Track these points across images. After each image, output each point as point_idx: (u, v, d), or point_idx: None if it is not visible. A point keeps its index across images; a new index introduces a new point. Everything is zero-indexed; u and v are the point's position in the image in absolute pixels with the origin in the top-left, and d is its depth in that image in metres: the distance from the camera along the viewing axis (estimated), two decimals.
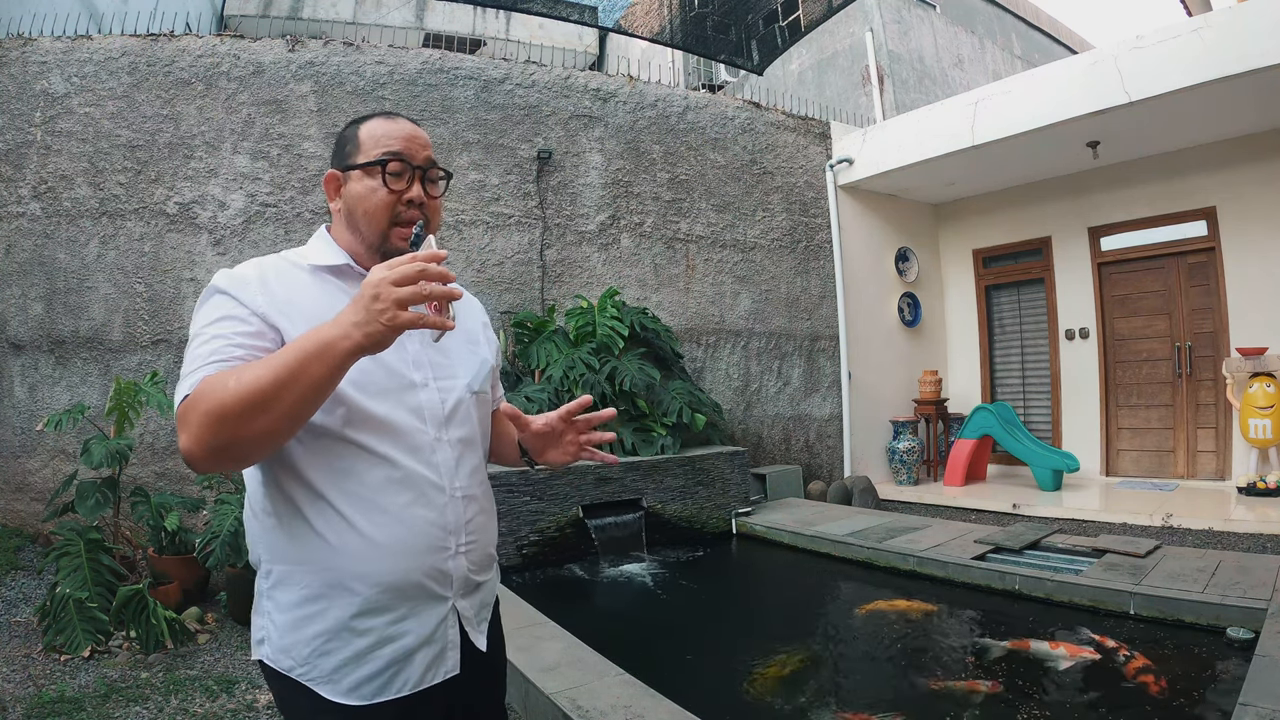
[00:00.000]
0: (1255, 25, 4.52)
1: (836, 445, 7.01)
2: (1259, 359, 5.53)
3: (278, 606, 1.05)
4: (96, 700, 2.76)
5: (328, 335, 0.88)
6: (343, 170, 1.15)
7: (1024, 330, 7.52)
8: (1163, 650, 2.96)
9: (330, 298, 1.07)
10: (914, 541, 4.46)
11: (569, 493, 4.72)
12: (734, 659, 3.13)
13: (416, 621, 1.06)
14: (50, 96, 4.81)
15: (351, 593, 1.02)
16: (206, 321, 1.00)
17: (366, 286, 0.87)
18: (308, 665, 1.03)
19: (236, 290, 1.02)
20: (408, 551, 1.05)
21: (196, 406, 0.89)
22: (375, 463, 1.03)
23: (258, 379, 0.87)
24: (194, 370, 0.94)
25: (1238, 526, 4.63)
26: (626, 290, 6.11)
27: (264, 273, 1.07)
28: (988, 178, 7.09)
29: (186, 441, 0.89)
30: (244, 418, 0.87)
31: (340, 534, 1.02)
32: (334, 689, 1.03)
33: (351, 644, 1.03)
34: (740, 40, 7.56)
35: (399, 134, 1.13)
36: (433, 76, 5.59)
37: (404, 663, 1.05)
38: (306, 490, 1.02)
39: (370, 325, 0.86)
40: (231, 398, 0.86)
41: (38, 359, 4.70)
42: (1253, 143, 5.80)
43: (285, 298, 1.04)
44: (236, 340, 0.98)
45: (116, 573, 3.52)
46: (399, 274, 0.86)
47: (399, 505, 1.04)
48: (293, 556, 1.04)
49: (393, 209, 1.11)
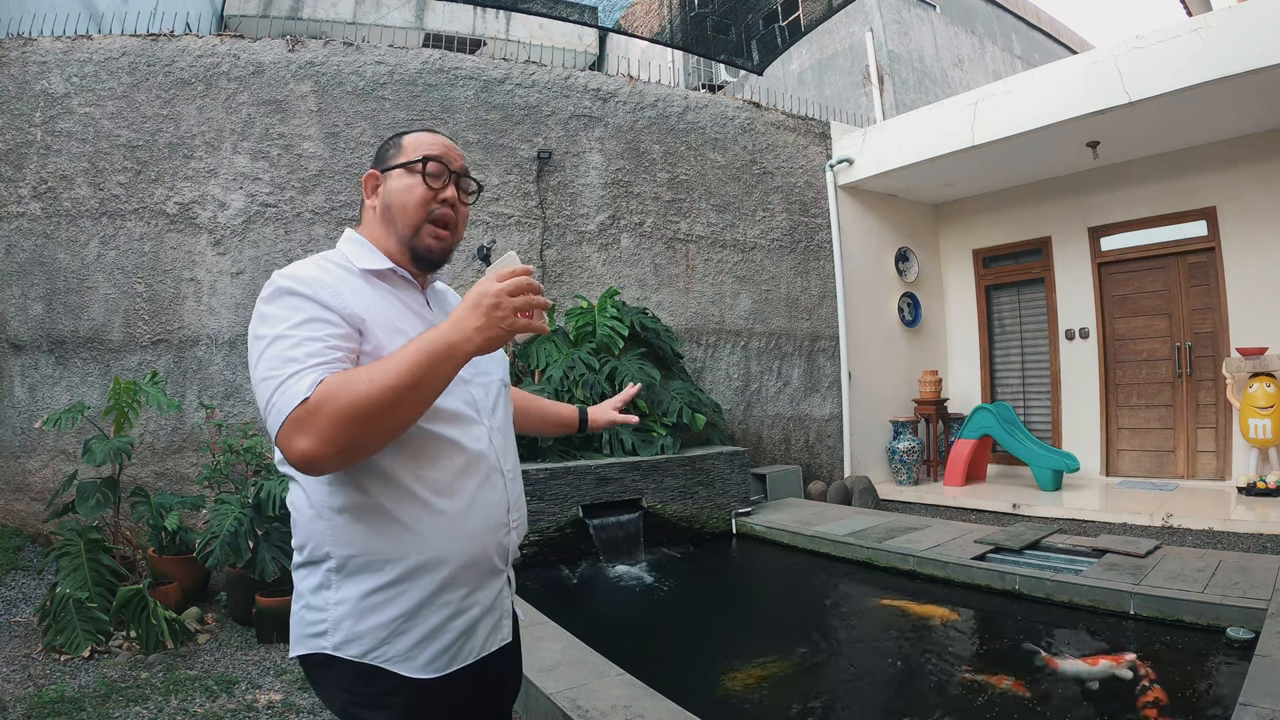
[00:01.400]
0: (1255, 25, 4.52)
1: (836, 445, 7.01)
2: (1259, 359, 5.53)
3: (350, 596, 1.08)
4: (96, 700, 2.76)
5: (451, 338, 0.96)
6: (383, 170, 1.20)
7: (1024, 330, 7.52)
8: (1163, 650, 2.96)
9: (386, 300, 1.15)
10: (914, 541, 4.46)
11: (569, 493, 4.72)
12: (734, 659, 3.13)
13: (483, 593, 1.16)
14: (50, 96, 4.81)
15: (433, 573, 1.09)
16: (291, 323, 1.01)
17: (485, 296, 0.97)
18: (384, 646, 1.07)
19: (314, 292, 1.05)
20: (481, 530, 1.14)
21: (324, 408, 0.92)
22: (449, 451, 1.11)
23: (392, 379, 0.93)
24: (297, 373, 0.95)
25: (1238, 526, 4.63)
26: (626, 290, 6.11)
27: (329, 274, 1.10)
28: (988, 178, 7.09)
29: (311, 443, 0.92)
30: (380, 416, 0.93)
31: (422, 519, 1.08)
32: (410, 665, 1.08)
33: (428, 621, 1.09)
34: (740, 40, 7.56)
35: (439, 141, 1.22)
36: (433, 76, 5.59)
37: (470, 633, 1.14)
38: (385, 481, 1.07)
39: (492, 330, 0.97)
40: (366, 399, 0.92)
41: (38, 359, 4.70)
42: (1253, 143, 5.80)
43: (357, 300, 1.09)
44: (332, 342, 1.01)
45: (116, 573, 3.52)
46: (513, 285, 0.97)
47: (471, 488, 1.13)
48: (372, 547, 1.07)
49: (428, 206, 1.18)
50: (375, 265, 1.17)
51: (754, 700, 2.75)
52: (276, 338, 1.00)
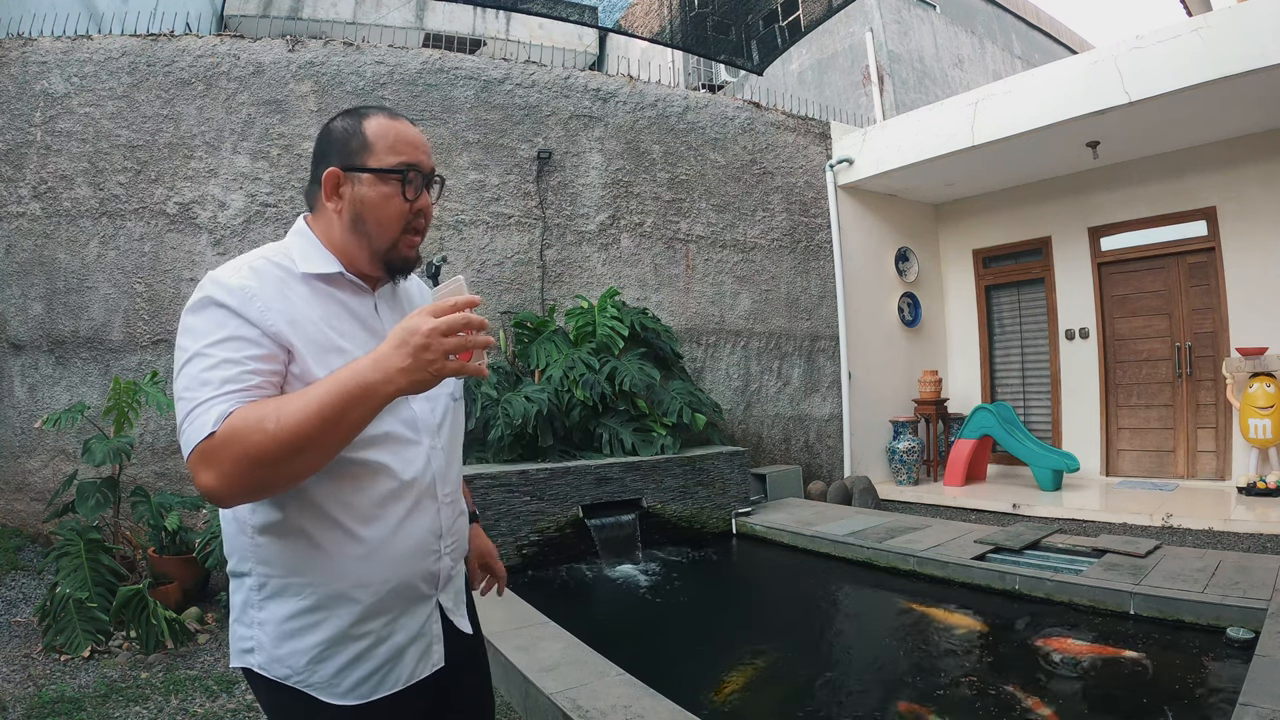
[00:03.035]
0: (1255, 25, 4.51)
1: (836, 445, 7.01)
2: (1259, 359, 5.53)
3: (272, 618, 1.04)
4: (96, 700, 2.76)
5: (369, 379, 0.88)
6: (347, 170, 1.08)
7: (1024, 330, 7.52)
8: (1163, 650, 2.96)
9: (326, 309, 1.07)
10: (914, 541, 4.46)
11: (569, 493, 4.72)
12: (735, 659, 3.13)
13: (407, 619, 1.10)
14: (50, 96, 4.81)
15: (353, 601, 1.04)
16: (210, 340, 0.95)
17: (414, 335, 0.88)
18: (305, 672, 1.04)
19: (242, 306, 0.97)
20: (405, 558, 1.08)
21: (228, 448, 0.87)
22: (376, 477, 1.05)
23: (299, 423, 0.87)
24: (209, 400, 0.90)
25: (1238, 526, 4.63)
26: (626, 290, 6.11)
27: (263, 284, 1.01)
28: (988, 178, 7.09)
29: (214, 481, 0.88)
30: (283, 461, 0.88)
31: (343, 546, 1.03)
32: (332, 693, 1.05)
33: (349, 649, 1.05)
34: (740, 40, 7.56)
35: (412, 141, 1.10)
36: (433, 76, 5.59)
37: (396, 660, 1.09)
38: (308, 507, 1.02)
39: (418, 374, 0.88)
40: (272, 443, 0.87)
41: (38, 359, 4.70)
42: (1253, 143, 5.80)
43: (290, 314, 1.01)
44: (251, 366, 0.94)
45: (116, 573, 3.52)
46: (447, 324, 0.88)
47: (398, 515, 1.07)
48: (290, 569, 1.03)
49: (406, 218, 1.10)
50: (322, 269, 1.08)
51: (754, 700, 2.75)
52: (195, 355, 0.95)
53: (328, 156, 1.10)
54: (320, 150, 1.12)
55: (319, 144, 1.13)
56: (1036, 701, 2.60)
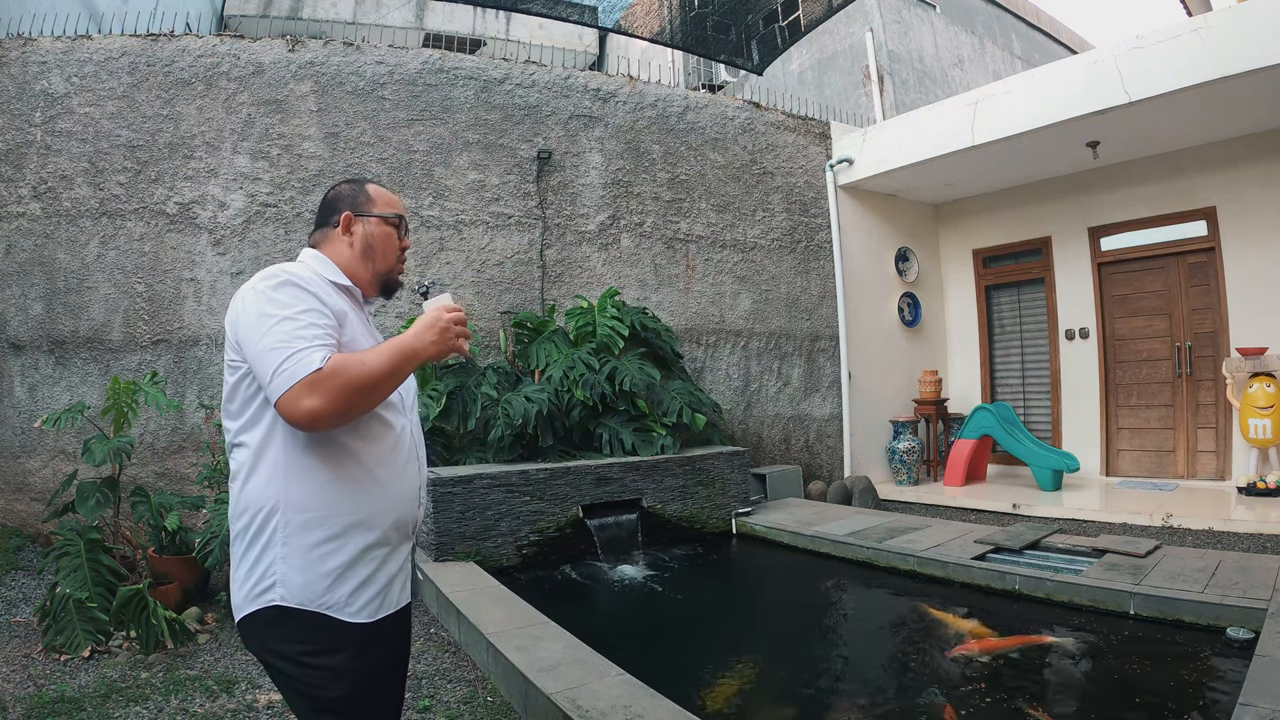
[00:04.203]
0: (1255, 25, 4.51)
1: (836, 445, 7.01)
2: (1259, 359, 5.53)
3: (297, 549, 1.27)
4: (96, 700, 2.75)
5: (415, 345, 1.32)
6: (358, 214, 1.48)
7: (1024, 330, 7.52)
8: (1163, 650, 2.96)
9: (351, 310, 1.41)
10: (914, 541, 4.46)
11: (569, 493, 4.72)
12: (735, 659, 3.13)
13: (399, 553, 1.41)
14: (50, 96, 4.81)
15: (369, 529, 1.32)
16: (297, 308, 1.25)
17: (439, 320, 1.35)
18: (327, 594, 1.27)
19: (314, 288, 1.31)
20: (404, 499, 1.40)
21: (334, 379, 1.19)
22: (388, 431, 1.38)
23: (379, 366, 1.25)
24: (307, 347, 1.20)
25: (1238, 526, 4.63)
26: (626, 290, 6.11)
27: (316, 278, 1.36)
28: (988, 178, 7.09)
29: (320, 403, 1.18)
30: (369, 392, 1.24)
31: (365, 484, 1.33)
32: (349, 611, 1.29)
33: (361, 571, 1.31)
34: (740, 40, 7.56)
35: (398, 203, 1.55)
36: (433, 76, 5.59)
37: (390, 586, 1.37)
38: (339, 450, 1.30)
39: (441, 345, 1.35)
40: (366, 377, 1.23)
41: (38, 359, 4.70)
42: (1253, 143, 5.80)
43: (337, 302, 1.36)
44: (329, 330, 1.27)
45: (116, 573, 3.52)
46: (456, 317, 1.37)
47: (400, 463, 1.40)
48: (318, 504, 1.28)
49: (397, 253, 1.53)
50: (339, 280, 1.43)
51: (754, 700, 2.75)
52: (285, 318, 1.23)
53: (339, 207, 1.48)
54: (331, 205, 1.50)
55: (329, 201, 1.51)
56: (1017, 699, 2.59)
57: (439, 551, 4.28)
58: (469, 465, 4.76)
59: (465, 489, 4.38)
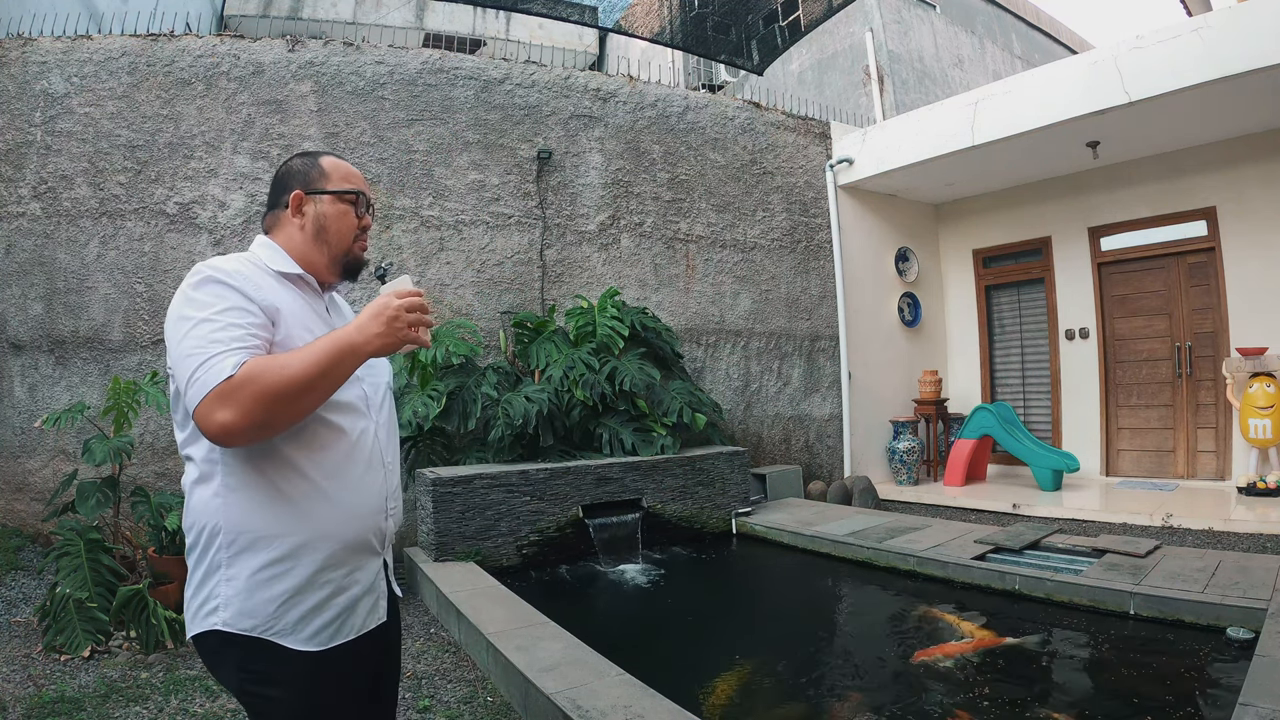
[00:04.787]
0: (1255, 25, 4.51)
1: (836, 445, 7.01)
2: (1259, 359, 5.53)
3: (242, 572, 1.16)
4: (96, 700, 2.76)
5: (355, 339, 1.14)
6: (310, 193, 1.33)
7: (1024, 330, 7.52)
8: (1163, 650, 2.96)
9: (295, 300, 1.28)
10: (914, 541, 4.46)
11: (569, 493, 4.72)
12: (734, 659, 3.13)
13: (362, 573, 1.27)
14: (50, 96, 4.81)
15: (317, 551, 1.20)
16: (216, 308, 1.13)
17: (387, 308, 1.16)
18: (272, 620, 1.16)
19: (239, 283, 1.18)
20: (361, 514, 1.26)
21: (246, 387, 1.06)
22: (339, 439, 1.24)
23: (304, 369, 1.09)
24: (221, 353, 1.08)
25: (1238, 526, 4.63)
26: (626, 290, 6.11)
27: (250, 270, 1.23)
28: (988, 178, 7.09)
29: (231, 416, 1.05)
30: (293, 399, 1.09)
31: (311, 500, 1.19)
32: (296, 638, 1.18)
33: (312, 597, 1.19)
34: (740, 40, 7.56)
35: (357, 175, 1.39)
36: (433, 76, 5.59)
37: (351, 610, 1.25)
38: (281, 462, 1.18)
39: (389, 337, 1.16)
40: (285, 384, 1.07)
41: (38, 359, 4.70)
42: (1253, 142, 5.80)
43: (272, 296, 1.22)
44: (252, 330, 1.14)
45: (116, 573, 3.52)
46: (409, 303, 1.17)
47: (356, 474, 1.26)
48: (260, 525, 1.17)
49: (355, 230, 1.37)
50: (287, 269, 1.30)
51: (754, 700, 2.75)
52: (202, 320, 1.12)
53: (290, 185, 1.34)
54: (281, 183, 1.36)
55: (280, 178, 1.37)
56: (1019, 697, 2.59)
57: (439, 551, 4.28)
58: (469, 465, 4.76)
59: (465, 489, 4.38)
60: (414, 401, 4.82)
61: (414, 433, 4.81)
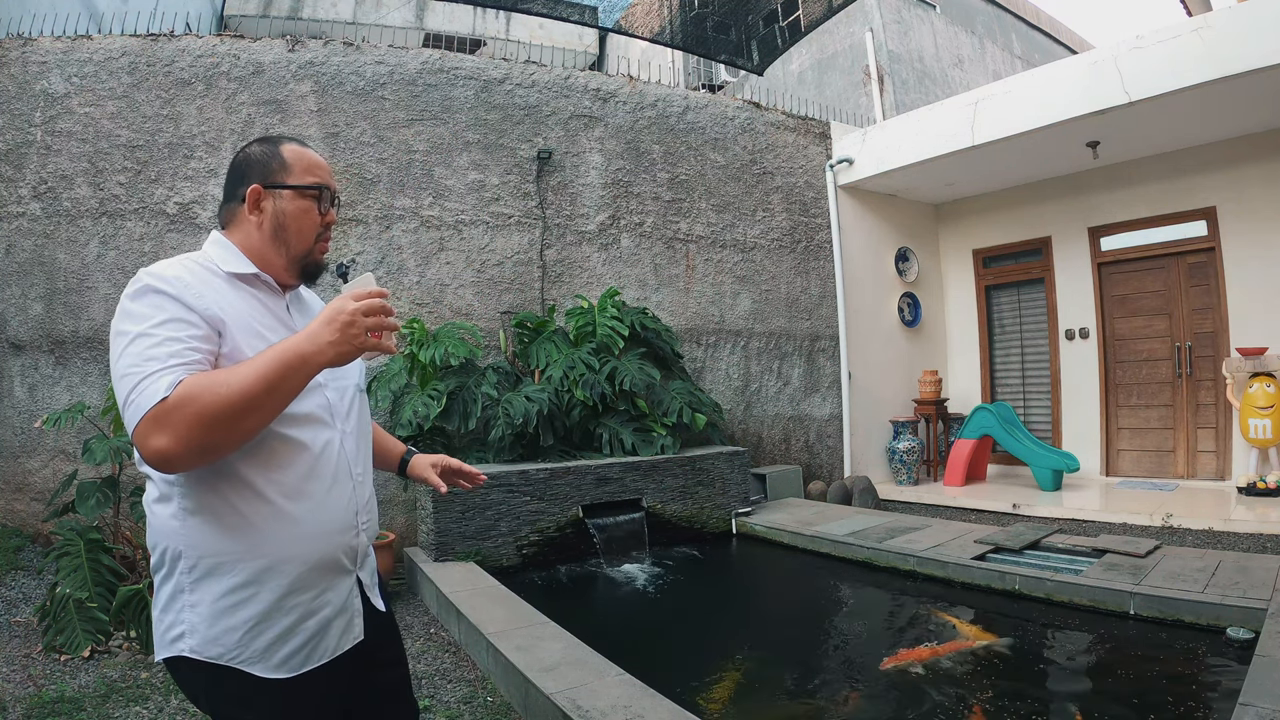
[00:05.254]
0: (1256, 25, 4.51)
1: (836, 445, 7.01)
2: (1259, 359, 5.53)
3: (204, 598, 1.10)
4: (96, 700, 2.76)
5: (305, 349, 1.03)
6: (268, 187, 1.22)
7: (1024, 330, 7.52)
8: (1163, 650, 2.96)
9: (248, 304, 1.18)
10: (914, 541, 4.46)
11: (569, 493, 4.72)
12: (734, 659, 3.13)
13: (333, 594, 1.19)
14: (50, 96, 4.81)
15: (282, 575, 1.12)
16: (153, 320, 1.04)
17: (340, 313, 1.04)
18: (239, 648, 1.10)
19: (179, 292, 1.08)
20: (328, 532, 1.18)
21: (182, 410, 0.96)
22: (300, 454, 1.15)
23: (247, 386, 0.99)
24: (157, 371, 0.99)
25: (1238, 526, 4.63)
26: (626, 290, 6.11)
27: (194, 276, 1.13)
28: (988, 178, 7.09)
29: (167, 442, 0.96)
30: (234, 419, 0.99)
31: (271, 521, 1.11)
32: (265, 666, 1.11)
33: (279, 623, 1.12)
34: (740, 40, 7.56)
35: (324, 165, 1.28)
36: (433, 76, 5.59)
37: (322, 633, 1.18)
38: (239, 485, 1.10)
39: (344, 345, 1.04)
40: (224, 404, 0.97)
41: (38, 359, 4.70)
42: (1253, 142, 5.80)
43: (219, 303, 1.12)
44: (192, 344, 1.05)
45: (116, 573, 3.52)
46: (367, 306, 1.05)
47: (320, 491, 1.17)
48: (221, 548, 1.10)
49: (318, 229, 1.26)
50: (240, 269, 1.20)
51: (754, 700, 2.75)
52: (139, 335, 1.03)
53: (248, 177, 1.23)
54: (239, 172, 1.24)
55: (236, 167, 1.25)
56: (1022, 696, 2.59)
57: (439, 551, 4.28)
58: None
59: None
60: (414, 401, 4.82)
61: (414, 432, 4.80)
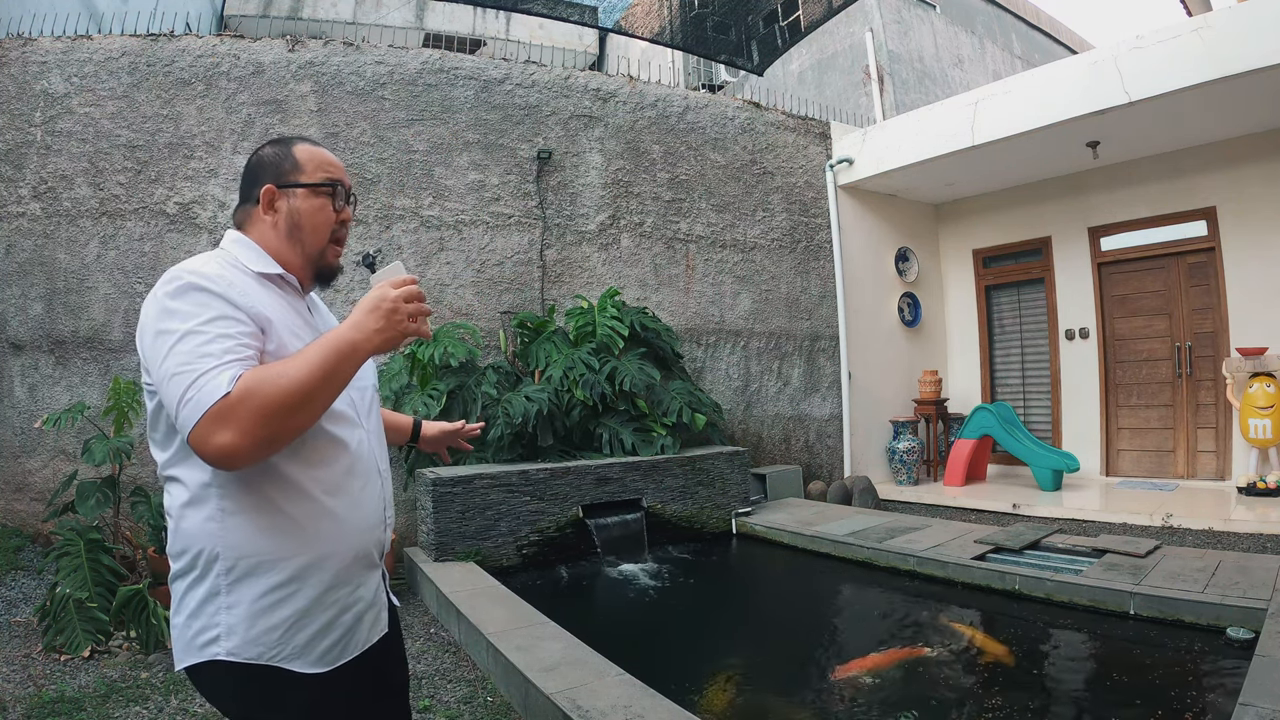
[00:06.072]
0: (1255, 25, 4.51)
1: (836, 445, 7.01)
2: (1259, 359, 5.53)
3: (244, 599, 1.09)
4: (96, 700, 2.76)
5: (353, 338, 1.06)
6: (282, 187, 1.23)
7: (1024, 330, 7.52)
8: (1163, 650, 2.96)
9: (278, 303, 1.18)
10: (914, 541, 4.46)
11: (569, 493, 4.72)
12: (734, 659, 3.13)
13: (364, 589, 1.22)
14: (50, 96, 4.81)
15: (324, 570, 1.14)
16: (202, 319, 1.03)
17: (384, 301, 1.07)
18: (279, 646, 1.10)
19: (224, 290, 1.08)
20: (364, 528, 1.21)
21: (246, 404, 0.96)
22: (338, 451, 1.17)
23: (305, 376, 1.00)
24: (215, 367, 0.98)
25: (1238, 526, 4.63)
26: (626, 290, 6.11)
27: (231, 274, 1.14)
28: (988, 178, 7.09)
29: (233, 437, 0.96)
30: (295, 411, 1.00)
31: (315, 518, 1.13)
32: (304, 662, 1.12)
33: (320, 618, 1.14)
34: (740, 40, 7.56)
35: (336, 163, 1.28)
36: (433, 76, 5.58)
37: (356, 626, 1.20)
38: (281, 481, 1.10)
39: (389, 332, 1.07)
40: (285, 395, 0.98)
41: (38, 359, 4.70)
42: (1253, 142, 5.80)
43: (260, 301, 1.13)
44: (244, 340, 1.05)
45: (116, 573, 3.52)
46: (407, 293, 1.09)
47: (357, 487, 1.19)
48: (263, 548, 1.09)
49: (332, 227, 1.27)
50: (266, 269, 1.21)
51: (753, 700, 2.75)
52: (188, 333, 1.02)
53: (261, 178, 1.24)
54: (252, 174, 1.25)
55: (250, 170, 1.26)
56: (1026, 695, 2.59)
57: (439, 551, 4.28)
58: (469, 465, 4.76)
59: (465, 489, 4.38)
60: (414, 401, 4.82)
61: None
